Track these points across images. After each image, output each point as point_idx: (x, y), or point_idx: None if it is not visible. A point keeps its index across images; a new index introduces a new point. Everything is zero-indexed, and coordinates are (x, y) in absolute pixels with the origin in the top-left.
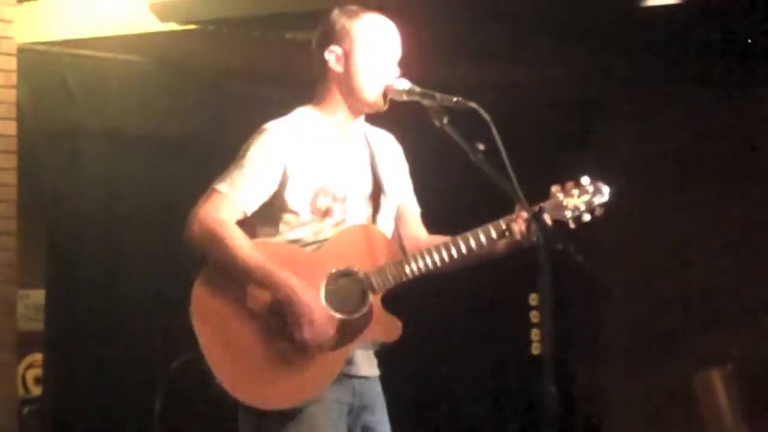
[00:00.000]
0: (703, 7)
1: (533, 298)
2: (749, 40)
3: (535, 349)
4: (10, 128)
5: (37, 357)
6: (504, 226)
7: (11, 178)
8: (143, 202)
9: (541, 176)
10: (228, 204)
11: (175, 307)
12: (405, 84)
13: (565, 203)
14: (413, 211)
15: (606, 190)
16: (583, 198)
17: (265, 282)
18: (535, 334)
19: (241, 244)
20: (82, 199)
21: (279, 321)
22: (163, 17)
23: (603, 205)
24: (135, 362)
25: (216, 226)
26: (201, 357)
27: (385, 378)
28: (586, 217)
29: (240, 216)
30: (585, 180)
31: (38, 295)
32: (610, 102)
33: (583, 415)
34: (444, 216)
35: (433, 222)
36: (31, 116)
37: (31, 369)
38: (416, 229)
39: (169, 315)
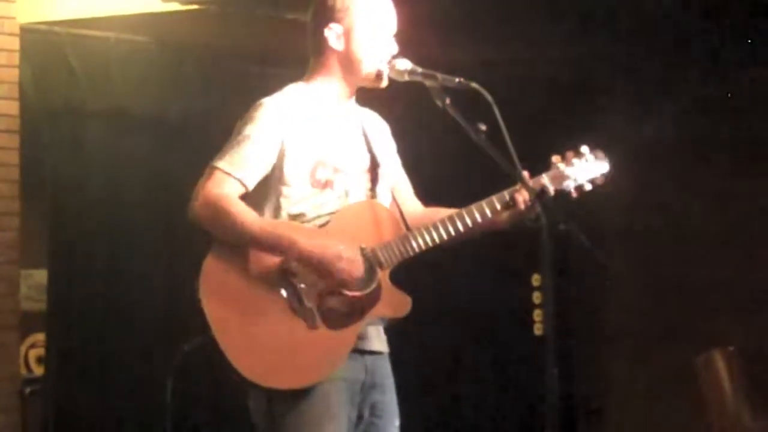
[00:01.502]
0: None
1: (536, 279)
2: (752, 23)
3: (538, 330)
4: (13, 108)
5: (40, 337)
6: (507, 197)
7: (13, 157)
8: (145, 181)
9: (541, 157)
10: (229, 181)
11: (178, 288)
12: (407, 64)
13: (566, 173)
14: (406, 185)
15: (605, 159)
16: (583, 167)
17: (277, 246)
18: (537, 314)
19: (248, 215)
20: (84, 179)
21: (291, 295)
22: None
23: (604, 175)
24: (137, 342)
25: (220, 202)
26: (212, 338)
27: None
28: (588, 187)
29: (241, 191)
30: (584, 149)
31: (41, 275)
32: (612, 84)
33: (584, 396)
34: (438, 193)
35: (428, 198)
36: (33, 96)
37: (34, 349)
38: (412, 203)
39: (172, 295)
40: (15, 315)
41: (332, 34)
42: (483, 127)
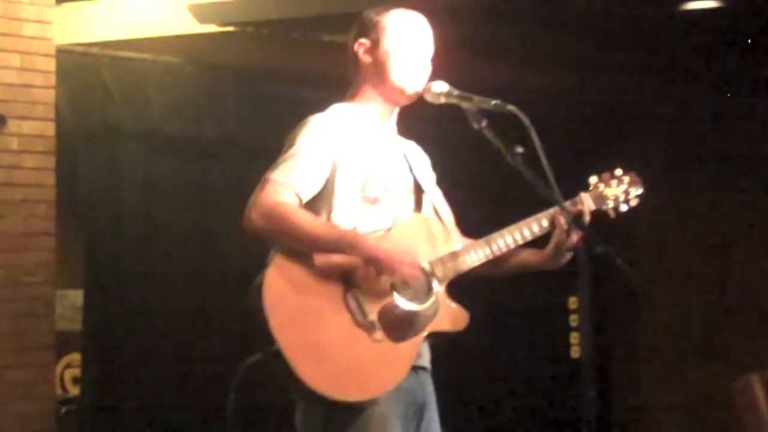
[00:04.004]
0: (738, 11)
1: (572, 302)
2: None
3: (575, 353)
4: (49, 129)
5: (76, 357)
6: (550, 217)
7: (50, 178)
8: (180, 202)
9: (575, 180)
10: (284, 190)
11: (214, 306)
12: (443, 86)
13: (605, 193)
14: (449, 217)
15: (640, 181)
16: (620, 188)
17: (343, 244)
18: (574, 337)
19: (309, 217)
20: (119, 200)
21: (354, 307)
22: (202, 19)
23: (639, 196)
24: (172, 362)
25: (280, 208)
26: (273, 351)
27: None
28: (623, 207)
29: (296, 203)
30: (618, 171)
31: (76, 296)
32: (645, 105)
33: (621, 417)
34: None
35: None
36: (69, 117)
37: (70, 369)
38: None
39: (208, 314)
40: (51, 335)
41: (361, 48)
42: (520, 150)
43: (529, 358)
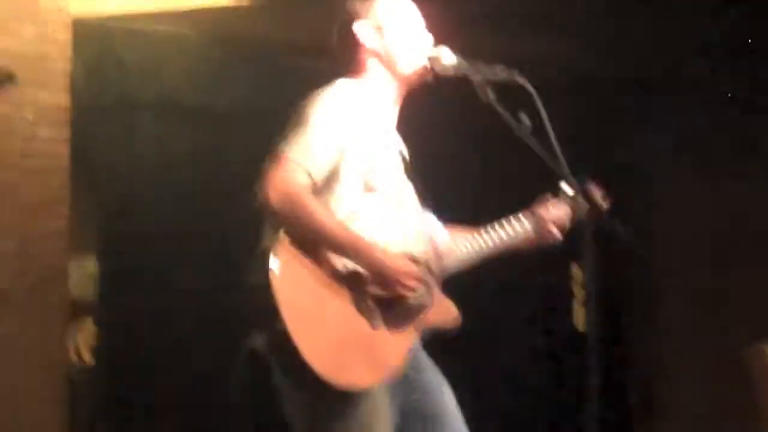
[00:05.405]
0: None
1: (576, 272)
2: None
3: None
4: (64, 100)
5: (91, 325)
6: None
7: (64, 149)
8: (194, 173)
9: (587, 152)
10: (301, 172)
11: (229, 278)
12: (452, 58)
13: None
14: None
15: (604, 194)
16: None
17: (352, 249)
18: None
19: (324, 211)
20: (134, 170)
21: (357, 293)
22: None
23: (606, 208)
24: (187, 332)
25: (297, 196)
26: (279, 331)
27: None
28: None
29: (310, 184)
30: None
31: (91, 264)
32: (662, 78)
33: (631, 391)
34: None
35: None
36: (83, 89)
37: (83, 334)
38: None
39: (222, 286)
40: (65, 303)
41: (364, 31)
42: (527, 121)
43: (533, 330)
